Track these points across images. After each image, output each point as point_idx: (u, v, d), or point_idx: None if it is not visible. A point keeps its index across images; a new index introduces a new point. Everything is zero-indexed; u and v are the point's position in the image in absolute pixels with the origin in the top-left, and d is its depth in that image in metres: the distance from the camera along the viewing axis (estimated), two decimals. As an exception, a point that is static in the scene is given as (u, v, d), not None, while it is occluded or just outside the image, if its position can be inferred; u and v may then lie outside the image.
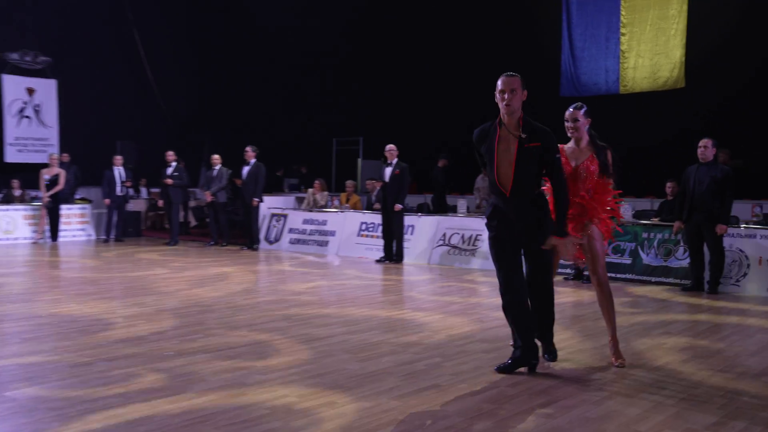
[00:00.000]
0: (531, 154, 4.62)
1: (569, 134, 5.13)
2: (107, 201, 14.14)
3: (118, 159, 14.43)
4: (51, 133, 17.64)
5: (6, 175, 16.07)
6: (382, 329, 6.16)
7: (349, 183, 14.16)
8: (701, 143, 8.46)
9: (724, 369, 4.99)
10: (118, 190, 14.24)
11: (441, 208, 13.93)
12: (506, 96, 4.64)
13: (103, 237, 14.47)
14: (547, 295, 4.94)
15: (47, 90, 17.52)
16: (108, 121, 17.91)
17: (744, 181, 10.76)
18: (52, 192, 13.74)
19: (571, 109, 5.14)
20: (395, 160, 11.10)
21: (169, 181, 13.67)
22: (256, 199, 12.80)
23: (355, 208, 13.50)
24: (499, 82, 4.71)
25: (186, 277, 9.23)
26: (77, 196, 15.52)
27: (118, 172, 14.30)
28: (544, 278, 4.88)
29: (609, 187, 5.15)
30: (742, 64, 12.70)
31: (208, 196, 13.39)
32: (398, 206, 11.00)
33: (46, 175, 13.83)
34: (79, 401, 4.01)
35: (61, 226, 14.20)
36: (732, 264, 8.75)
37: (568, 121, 5.13)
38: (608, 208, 5.16)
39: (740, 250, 8.77)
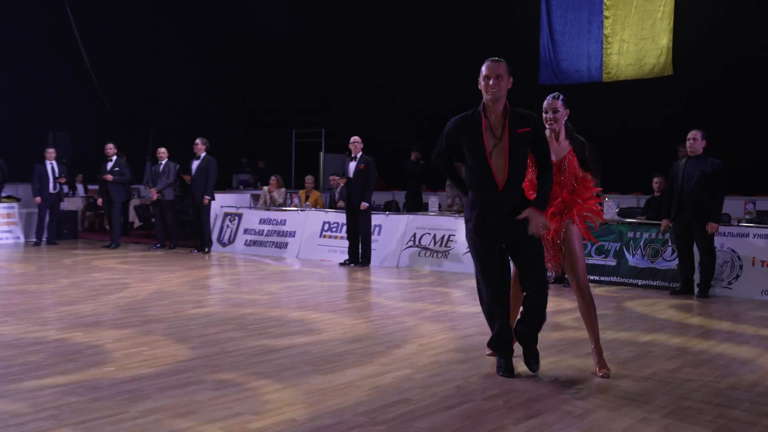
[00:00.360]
0: (522, 141, 4.70)
1: (548, 126, 5.15)
2: (38, 199, 13.85)
3: (51, 152, 14.15)
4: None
5: None
6: (346, 339, 6.15)
7: (308, 179, 14.11)
8: (690, 135, 8.60)
9: (716, 379, 5.07)
10: (51, 188, 13.96)
11: (416, 205, 13.96)
12: (491, 82, 4.69)
13: (33, 240, 14.18)
14: (541, 294, 4.92)
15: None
16: (38, 110, 17.54)
17: (736, 176, 10.97)
18: None
19: (550, 99, 5.18)
20: (360, 154, 11.09)
21: (109, 177, 13.47)
22: (207, 197, 12.68)
23: (316, 206, 13.46)
24: (483, 68, 4.77)
25: (128, 284, 9.10)
26: (3, 194, 15.18)
27: (51, 166, 14.02)
28: (538, 276, 4.89)
29: (591, 185, 5.22)
30: (734, 49, 12.89)
31: (153, 194, 13.24)
32: (364, 204, 10.98)
33: None
34: (3, 425, 3.92)
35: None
36: (724, 265, 8.90)
37: (547, 111, 5.17)
38: (589, 207, 5.20)
39: (732, 251, 8.94)
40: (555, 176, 5.03)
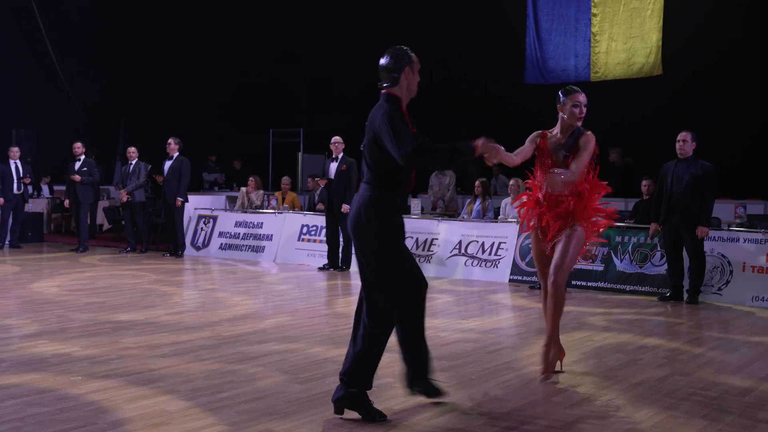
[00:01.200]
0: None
1: (578, 122, 5.30)
2: (1, 200, 13.71)
3: (15, 151, 14.00)
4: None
5: None
6: (326, 346, 6.14)
7: (284, 180, 14.08)
8: (680, 137, 8.68)
9: (705, 387, 5.12)
10: (15, 188, 13.82)
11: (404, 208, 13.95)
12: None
13: None
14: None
15: None
16: (2, 107, 17.37)
17: (726, 179, 11.08)
18: None
19: (582, 94, 5.38)
20: (341, 155, 11.08)
21: (77, 177, 13.37)
22: (180, 199, 12.62)
23: (293, 208, 13.44)
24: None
25: (97, 290, 9.03)
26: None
27: (15, 166, 13.88)
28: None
29: (602, 186, 5.32)
30: (725, 48, 12.98)
31: (123, 196, 13.15)
32: (345, 207, 10.96)
33: None
34: (-31, 435, 3.89)
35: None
36: (713, 270, 8.98)
37: (578, 106, 5.29)
38: (598, 211, 5.31)
39: (722, 255, 9.02)
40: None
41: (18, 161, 13.93)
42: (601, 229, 5.37)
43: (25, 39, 18.46)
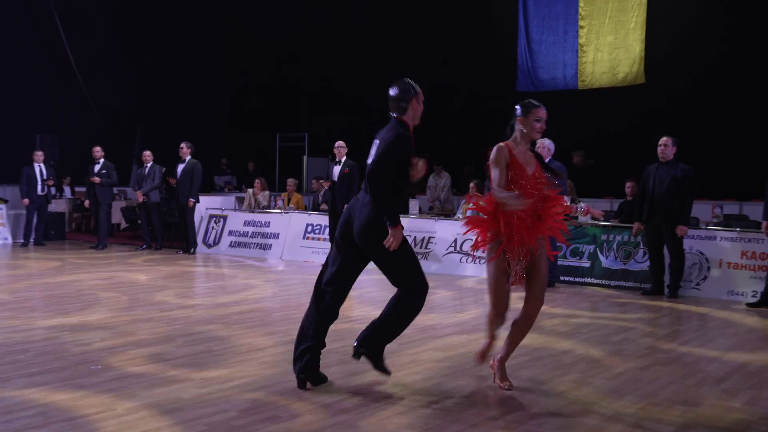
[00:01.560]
0: None
1: (538, 137, 4.79)
2: (26, 201, 13.70)
3: (39, 155, 14.01)
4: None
5: None
6: (329, 337, 6.12)
7: (290, 181, 14.10)
8: (661, 141, 8.70)
9: (684, 376, 5.14)
10: (39, 189, 13.83)
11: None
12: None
13: (21, 240, 14.03)
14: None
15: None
16: (27, 113, 17.38)
17: (704, 181, 11.09)
18: None
19: (544, 109, 4.76)
20: (344, 158, 11.08)
21: (96, 179, 13.37)
22: (192, 200, 12.62)
23: (298, 207, 13.47)
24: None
25: (116, 284, 9.04)
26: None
27: (39, 169, 13.89)
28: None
29: (560, 199, 4.79)
30: (704, 59, 13.00)
31: (139, 196, 13.16)
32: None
33: None
34: (-4, 421, 3.90)
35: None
36: (692, 267, 9.00)
37: (544, 120, 4.72)
38: (556, 222, 4.75)
39: (700, 253, 9.04)
40: (534, 188, 4.60)
41: (42, 164, 13.93)
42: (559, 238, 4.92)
43: (48, 50, 18.46)
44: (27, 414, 4.02)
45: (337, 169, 11.08)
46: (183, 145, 12.76)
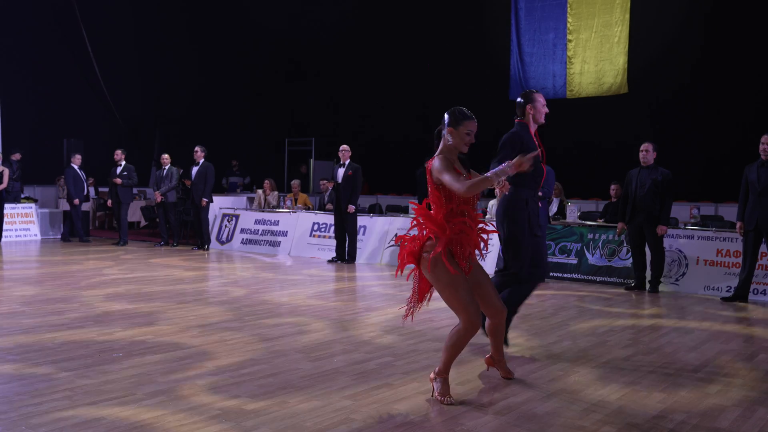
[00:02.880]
0: None
1: (466, 150, 4.21)
2: (76, 201, 13.74)
3: (78, 158, 14.03)
4: (-6, 130, 17.08)
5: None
6: (334, 329, 6.16)
7: (294, 182, 14.11)
8: (642, 147, 8.70)
9: (664, 365, 5.13)
10: (86, 189, 13.99)
11: None
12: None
13: (51, 236, 14.02)
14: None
15: (-13, 87, 16.92)
16: (55, 119, 17.43)
17: (683, 184, 11.10)
18: None
19: (475, 121, 4.19)
20: (348, 161, 11.09)
21: (118, 180, 13.40)
22: (205, 200, 12.64)
23: (305, 206, 13.49)
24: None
25: (135, 278, 9.05)
26: (23, 195, 15.06)
27: (77, 171, 13.99)
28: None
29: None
30: (682, 72, 13.07)
31: (158, 197, 13.17)
32: (351, 207, 10.99)
33: None
34: (24, 404, 3.90)
35: (5, 226, 13.72)
36: (672, 264, 9.00)
37: (473, 133, 4.19)
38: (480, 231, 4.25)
39: (679, 251, 9.04)
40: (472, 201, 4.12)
41: (77, 167, 14.00)
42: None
43: (75, 60, 18.50)
44: (55, 397, 4.02)
45: (341, 172, 11.08)
46: (197, 148, 12.78)
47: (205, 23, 19.25)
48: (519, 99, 5.50)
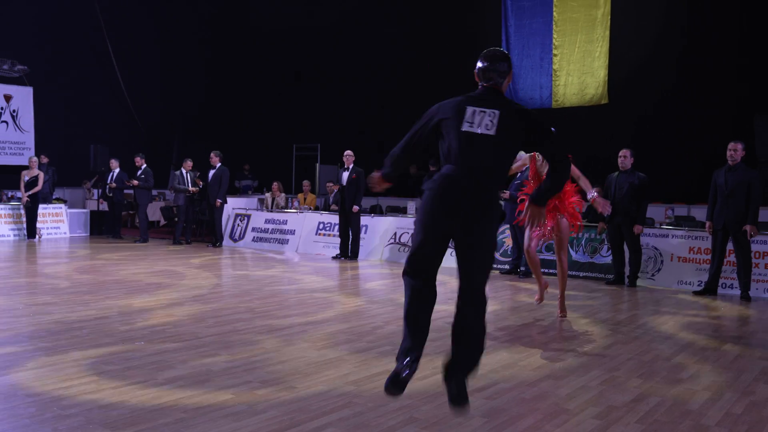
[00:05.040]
0: None
1: None
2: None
3: (114, 162, 14.06)
4: (27, 137, 17.15)
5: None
6: (338, 320, 6.16)
7: (305, 183, 14.13)
8: (621, 153, 8.72)
9: (641, 353, 5.14)
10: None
11: None
12: None
13: (78, 233, 14.04)
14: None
15: (24, 97, 17.05)
16: (81, 126, 17.45)
17: (658, 187, 11.11)
18: (30, 192, 13.34)
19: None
20: (352, 165, 11.10)
21: (135, 182, 13.50)
22: (219, 201, 12.67)
23: (312, 205, 13.51)
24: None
25: (155, 272, 9.05)
26: (54, 197, 15.10)
27: (113, 175, 14.10)
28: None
29: (575, 191, 6.15)
30: (657, 84, 13.11)
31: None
32: (356, 208, 10.99)
33: (26, 176, 13.42)
34: (54, 389, 3.90)
35: (38, 224, 13.77)
36: (648, 260, 9.01)
37: None
38: (572, 206, 6.10)
39: (655, 248, 9.05)
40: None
41: (115, 171, 14.09)
42: (578, 222, 6.19)
43: (101, 72, 18.52)
44: (83, 381, 4.03)
45: (345, 175, 11.09)
46: (213, 154, 12.79)
47: (221, 35, 19.26)
48: None
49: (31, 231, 13.45)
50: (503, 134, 3.25)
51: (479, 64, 3.55)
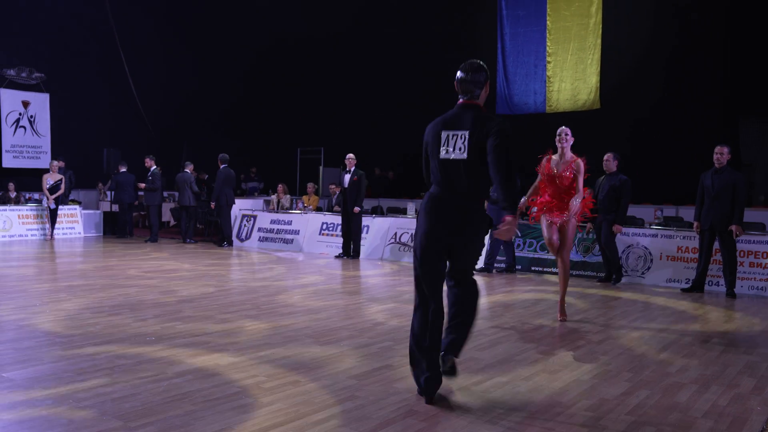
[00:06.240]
0: None
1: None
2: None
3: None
4: (44, 141, 17.25)
5: (3, 179, 15.70)
6: (341, 316, 6.16)
7: (310, 185, 14.13)
8: (605, 157, 8.74)
9: (631, 348, 5.14)
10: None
11: None
12: None
13: (92, 234, 14.07)
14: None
15: (41, 103, 17.15)
16: (95, 130, 17.49)
17: (648, 188, 11.11)
18: (55, 195, 13.43)
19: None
20: (354, 168, 11.09)
21: (142, 185, 13.55)
22: (212, 203, 12.77)
23: (314, 207, 13.51)
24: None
25: (165, 271, 9.05)
26: (69, 198, 15.14)
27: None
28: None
29: (585, 192, 6.08)
30: (647, 90, 13.12)
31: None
32: (357, 209, 10.99)
33: (49, 179, 13.48)
34: (69, 381, 3.91)
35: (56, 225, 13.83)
36: (638, 259, 9.00)
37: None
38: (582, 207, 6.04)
39: (645, 248, 9.04)
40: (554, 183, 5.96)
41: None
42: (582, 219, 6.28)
43: (115, 80, 18.56)
44: (97, 375, 4.03)
45: (347, 177, 11.09)
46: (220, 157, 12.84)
47: (230, 43, 19.26)
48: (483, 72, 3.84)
49: (50, 229, 13.57)
50: (473, 154, 3.53)
51: (458, 75, 3.76)
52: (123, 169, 14.19)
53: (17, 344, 4.80)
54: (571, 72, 13.99)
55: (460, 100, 3.69)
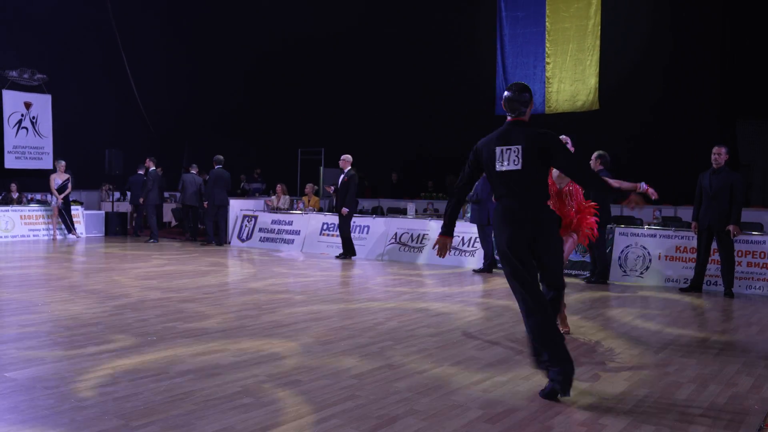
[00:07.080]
0: None
1: None
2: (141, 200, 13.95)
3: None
4: (46, 142, 17.25)
5: (5, 180, 15.70)
6: (341, 317, 6.16)
7: (308, 186, 14.12)
8: (593, 156, 8.72)
9: (630, 347, 5.14)
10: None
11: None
12: None
13: (93, 234, 14.08)
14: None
15: (43, 104, 17.16)
16: (97, 132, 17.50)
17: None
18: (64, 195, 13.48)
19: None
20: (348, 169, 11.05)
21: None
22: (206, 202, 12.83)
23: (316, 206, 13.51)
24: None
25: (166, 271, 9.05)
26: (71, 199, 15.13)
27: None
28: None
29: (592, 208, 5.57)
30: (645, 91, 13.12)
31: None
32: (344, 210, 10.90)
33: (57, 179, 13.50)
34: (72, 381, 3.91)
35: (56, 224, 13.81)
36: (637, 259, 9.00)
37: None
38: (589, 224, 5.52)
39: (644, 248, 9.04)
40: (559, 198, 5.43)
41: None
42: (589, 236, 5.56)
43: (117, 81, 18.57)
44: (99, 374, 4.03)
45: (341, 178, 11.09)
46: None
47: (232, 45, 19.28)
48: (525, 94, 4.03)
49: (69, 227, 13.70)
50: (528, 164, 3.82)
51: (506, 94, 4.04)
52: (140, 171, 14.35)
53: (19, 344, 4.80)
54: (570, 73, 13.99)
55: (509, 118, 3.99)
